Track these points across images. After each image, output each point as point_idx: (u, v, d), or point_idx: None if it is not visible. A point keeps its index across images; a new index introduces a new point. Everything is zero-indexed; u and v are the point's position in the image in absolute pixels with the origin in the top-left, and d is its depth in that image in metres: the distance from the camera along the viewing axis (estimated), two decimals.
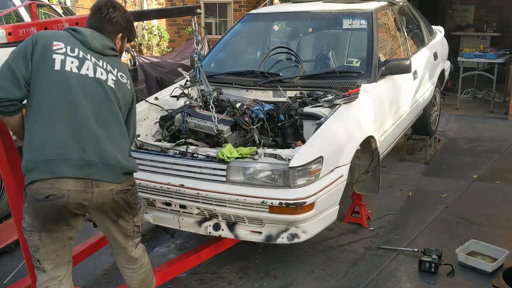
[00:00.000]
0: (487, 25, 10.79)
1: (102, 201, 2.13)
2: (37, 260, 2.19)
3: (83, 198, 2.07)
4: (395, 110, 4.06)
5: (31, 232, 2.14)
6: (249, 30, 4.80)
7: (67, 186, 2.02)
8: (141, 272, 2.45)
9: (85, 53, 2.16)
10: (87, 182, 2.06)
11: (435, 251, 3.25)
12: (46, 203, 2.03)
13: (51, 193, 2.01)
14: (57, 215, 2.08)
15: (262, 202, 2.73)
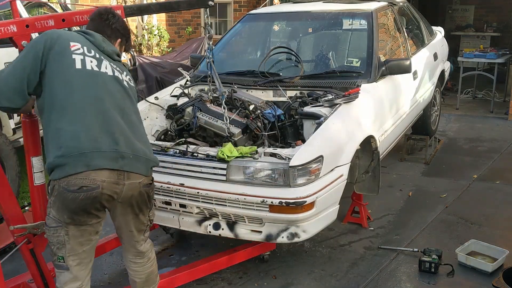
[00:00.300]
0: (487, 25, 10.80)
1: (130, 194, 2.19)
2: (61, 257, 2.16)
3: (114, 190, 2.12)
4: (395, 110, 4.06)
5: (57, 228, 2.13)
6: (249, 30, 4.80)
7: (101, 177, 2.06)
8: (147, 266, 2.47)
9: (100, 54, 2.25)
10: (120, 173, 2.11)
11: (435, 251, 3.25)
12: (79, 194, 2.04)
13: (84, 184, 2.03)
14: (89, 206, 2.09)
15: (262, 201, 2.73)
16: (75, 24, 2.59)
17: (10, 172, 4.13)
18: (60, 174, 2.04)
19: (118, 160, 2.10)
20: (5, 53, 4.37)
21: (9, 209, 2.40)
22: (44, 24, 2.42)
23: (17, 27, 2.31)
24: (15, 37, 2.32)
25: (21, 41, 2.34)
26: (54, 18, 2.46)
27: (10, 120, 4.40)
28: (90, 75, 2.16)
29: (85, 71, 2.15)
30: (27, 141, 2.47)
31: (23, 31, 2.34)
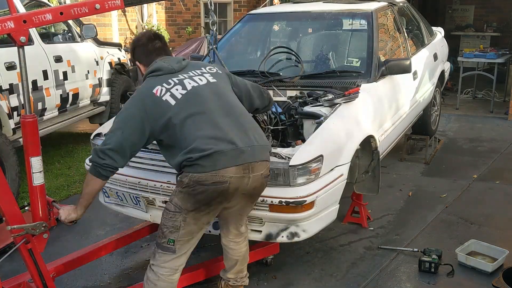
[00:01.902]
0: (487, 25, 10.81)
1: (254, 186, 2.42)
2: (172, 240, 2.37)
3: (240, 184, 2.35)
4: (395, 110, 4.06)
5: (175, 213, 2.35)
6: (249, 30, 4.80)
7: (230, 174, 2.30)
8: (244, 244, 2.76)
9: (176, 77, 2.46)
10: (245, 168, 2.34)
11: (435, 251, 3.25)
12: (208, 187, 2.28)
13: (215, 180, 2.29)
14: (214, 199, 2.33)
15: (262, 201, 2.72)
16: (73, 17, 2.55)
17: (10, 172, 4.14)
18: (195, 170, 2.29)
19: (240, 156, 2.32)
20: (5, 53, 4.39)
21: (7, 209, 2.40)
22: (42, 19, 2.38)
23: (15, 23, 2.28)
24: (13, 33, 2.30)
25: (19, 37, 2.32)
26: (52, 12, 2.41)
27: (10, 120, 4.40)
28: (183, 102, 2.37)
29: (179, 101, 2.37)
30: (26, 141, 2.46)
31: (21, 26, 2.30)
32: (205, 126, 2.34)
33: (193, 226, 2.38)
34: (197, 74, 2.51)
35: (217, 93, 2.47)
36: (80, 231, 3.92)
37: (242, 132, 2.39)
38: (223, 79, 2.60)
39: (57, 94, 5.17)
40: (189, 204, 2.33)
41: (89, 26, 5.71)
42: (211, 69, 2.59)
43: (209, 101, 2.41)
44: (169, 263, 2.41)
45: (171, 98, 2.37)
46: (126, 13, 9.77)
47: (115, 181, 3.19)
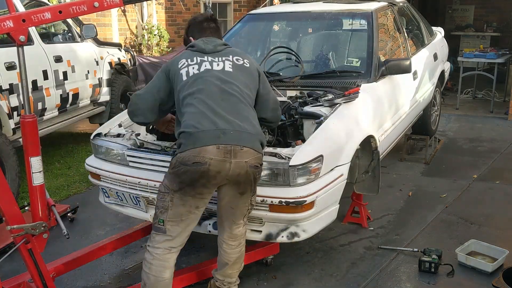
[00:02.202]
0: (487, 25, 10.81)
1: (238, 172, 2.42)
2: (162, 220, 2.46)
3: (221, 168, 2.39)
4: (395, 110, 4.06)
5: (164, 194, 2.46)
6: (249, 30, 4.80)
7: (210, 155, 2.37)
8: (237, 250, 2.71)
9: (202, 57, 2.63)
10: (226, 152, 2.39)
11: (435, 251, 3.25)
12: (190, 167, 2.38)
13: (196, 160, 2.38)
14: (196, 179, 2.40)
15: (262, 201, 2.73)
16: (72, 16, 2.54)
17: (10, 172, 4.14)
18: (180, 149, 2.42)
19: (220, 136, 2.38)
20: (5, 53, 4.39)
21: (7, 209, 2.40)
22: (41, 18, 2.39)
23: (14, 22, 2.28)
24: (12, 33, 2.30)
25: (18, 36, 2.32)
26: (50, 10, 2.41)
27: (10, 120, 4.40)
28: (191, 80, 2.54)
29: (188, 79, 2.55)
30: (26, 141, 2.45)
31: (20, 25, 2.30)
32: (196, 105, 2.46)
33: (181, 207, 2.45)
34: (220, 60, 2.62)
35: (224, 80, 2.55)
36: (80, 231, 3.92)
37: (232, 117, 2.45)
38: (245, 72, 2.64)
39: (57, 94, 5.17)
40: (175, 184, 2.43)
41: (89, 26, 5.71)
42: (238, 60, 2.66)
43: (211, 85, 2.51)
44: (162, 244, 2.49)
45: (185, 74, 2.55)
46: (126, 13, 9.77)
47: (115, 181, 3.19)
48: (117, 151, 3.18)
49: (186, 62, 2.60)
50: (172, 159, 2.48)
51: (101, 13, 9.69)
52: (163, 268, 2.50)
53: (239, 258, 2.75)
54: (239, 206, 2.60)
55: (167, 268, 2.52)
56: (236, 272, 2.80)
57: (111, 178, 3.20)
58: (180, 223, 2.48)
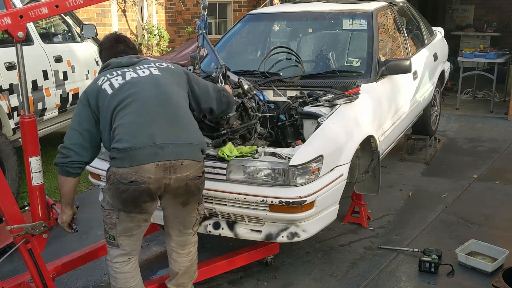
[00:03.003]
0: (487, 25, 10.81)
1: (177, 186, 2.34)
2: (112, 236, 2.40)
3: (160, 185, 2.30)
4: (395, 110, 4.06)
5: (109, 211, 2.37)
6: (249, 30, 4.80)
7: (148, 174, 2.26)
8: (187, 259, 2.63)
9: (122, 69, 2.47)
10: (165, 169, 2.28)
11: (435, 251, 3.25)
12: (129, 187, 2.26)
13: (134, 179, 2.26)
14: (137, 198, 2.30)
15: (262, 201, 2.73)
16: (69, 9, 2.56)
17: (10, 172, 4.13)
18: (116, 164, 2.28)
19: (158, 153, 2.25)
20: (5, 53, 4.39)
21: (7, 209, 2.40)
22: (38, 13, 2.40)
23: (11, 18, 2.29)
24: (11, 29, 2.30)
25: (17, 33, 2.32)
26: (47, 5, 2.42)
27: (10, 120, 4.40)
28: (119, 90, 2.36)
29: (115, 90, 2.36)
30: (25, 141, 2.46)
31: (18, 22, 2.31)
32: (131, 115, 2.30)
33: (129, 223, 2.38)
34: (143, 68, 2.49)
35: (156, 83, 2.42)
36: (80, 231, 3.91)
37: (170, 126, 2.34)
38: (172, 74, 2.54)
39: (57, 94, 5.17)
40: (117, 202, 2.33)
41: (89, 26, 5.70)
42: (161, 65, 2.56)
43: (144, 91, 2.37)
44: (118, 257, 2.45)
45: (109, 87, 2.37)
46: (126, 13, 9.78)
47: None
48: None
49: (105, 78, 2.42)
50: (108, 172, 2.33)
51: (101, 13, 9.71)
52: (127, 278, 2.48)
53: (190, 267, 2.65)
54: (183, 216, 2.53)
55: (131, 277, 2.49)
56: (189, 282, 2.71)
57: None
58: (131, 237, 2.42)
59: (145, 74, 2.44)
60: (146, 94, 2.36)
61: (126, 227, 2.38)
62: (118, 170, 2.26)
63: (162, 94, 2.40)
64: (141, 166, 2.23)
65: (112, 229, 2.39)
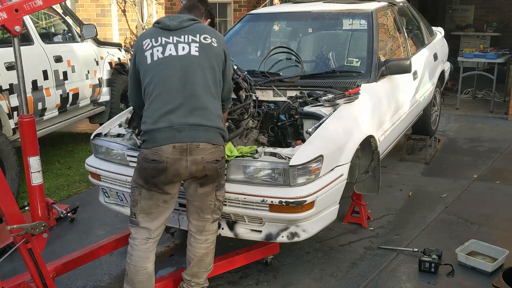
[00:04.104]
0: (487, 25, 10.80)
1: (195, 169, 2.49)
2: (134, 214, 2.59)
3: (178, 166, 2.47)
4: (395, 110, 4.06)
5: (134, 188, 2.58)
6: (249, 30, 4.80)
7: (166, 154, 2.45)
8: (204, 246, 2.72)
9: (167, 37, 2.56)
10: (182, 150, 2.45)
11: (435, 251, 3.25)
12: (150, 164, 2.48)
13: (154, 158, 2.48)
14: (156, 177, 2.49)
15: (262, 201, 2.73)
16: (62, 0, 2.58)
17: (10, 172, 4.14)
18: (143, 146, 2.53)
19: (175, 135, 2.43)
20: (5, 53, 4.39)
21: (7, 209, 2.40)
22: (33, 5, 2.41)
23: (7, 13, 2.30)
24: (7, 24, 2.31)
25: (13, 27, 2.32)
26: None
27: (10, 120, 4.40)
28: (155, 66, 2.53)
29: (152, 63, 2.53)
30: (24, 141, 2.46)
31: (14, 16, 2.32)
32: (156, 100, 2.49)
33: (149, 201, 2.55)
34: (186, 41, 2.56)
35: (186, 68, 2.52)
36: (80, 231, 3.92)
37: (190, 113, 2.48)
38: (212, 53, 2.60)
39: (57, 94, 5.17)
40: (140, 179, 2.54)
41: (89, 26, 5.71)
42: (206, 39, 2.60)
43: (172, 76, 2.51)
44: (138, 234, 2.60)
45: (149, 57, 2.54)
46: (126, 13, 9.78)
47: (115, 181, 3.19)
48: (117, 151, 3.19)
49: (150, 43, 2.57)
50: (138, 155, 2.60)
51: (101, 13, 9.71)
52: (142, 258, 2.61)
53: (205, 255, 2.74)
54: (201, 199, 2.64)
55: (146, 258, 2.62)
56: (204, 273, 2.79)
57: (111, 178, 3.21)
58: (150, 215, 2.57)
59: (183, 53, 2.53)
60: (175, 82, 2.49)
61: (146, 205, 2.54)
62: (144, 151, 2.50)
63: (188, 82, 2.51)
64: (160, 146, 2.43)
65: (134, 207, 2.58)
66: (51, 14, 5.89)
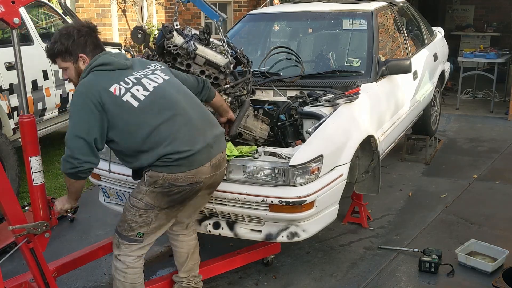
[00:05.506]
0: (487, 25, 10.80)
1: (218, 180, 2.57)
2: (142, 234, 2.43)
3: (210, 181, 2.49)
4: (395, 110, 4.06)
5: (147, 210, 2.38)
6: (249, 30, 4.80)
7: (204, 175, 2.41)
8: (193, 237, 2.80)
9: (131, 74, 2.37)
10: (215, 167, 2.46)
11: (435, 251, 3.25)
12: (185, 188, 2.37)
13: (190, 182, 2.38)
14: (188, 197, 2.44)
15: (262, 201, 2.73)
16: None
17: (10, 172, 4.14)
18: (170, 171, 2.31)
19: (210, 151, 2.40)
20: (5, 53, 4.39)
21: (9, 209, 2.40)
22: None
23: (4, 5, 2.29)
24: (5, 17, 2.31)
25: (12, 19, 2.33)
26: None
27: (10, 120, 4.41)
28: (149, 104, 2.31)
29: (142, 103, 2.30)
30: (24, 141, 2.46)
31: (11, 8, 2.32)
32: (182, 127, 2.34)
33: (164, 220, 2.48)
34: (149, 73, 2.44)
35: (178, 90, 2.47)
36: (80, 231, 3.92)
37: (207, 124, 2.47)
38: (169, 73, 2.57)
39: (57, 94, 5.17)
40: (163, 202, 2.38)
41: None
42: (156, 66, 2.52)
43: (177, 101, 2.40)
44: (135, 252, 2.48)
45: (133, 99, 2.28)
46: (126, 13, 9.78)
47: (115, 181, 3.19)
48: None
49: (122, 88, 2.28)
50: (154, 177, 2.31)
51: (101, 13, 9.72)
52: (138, 274, 2.52)
53: (196, 246, 2.82)
54: (203, 203, 2.75)
55: (140, 273, 2.54)
56: (197, 264, 2.84)
57: (111, 178, 3.21)
58: (158, 233, 2.52)
59: (161, 82, 2.42)
60: (181, 105, 2.40)
61: (159, 224, 2.46)
62: (172, 175, 2.30)
63: (189, 99, 2.48)
64: (199, 168, 2.35)
65: (142, 227, 2.42)
66: (51, 14, 5.89)
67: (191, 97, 2.53)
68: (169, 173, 2.30)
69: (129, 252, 2.47)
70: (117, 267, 2.49)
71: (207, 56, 3.09)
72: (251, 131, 3.20)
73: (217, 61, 3.11)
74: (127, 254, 2.46)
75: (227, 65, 3.11)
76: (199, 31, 3.19)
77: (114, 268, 2.51)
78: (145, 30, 3.35)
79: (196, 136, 2.37)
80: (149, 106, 2.31)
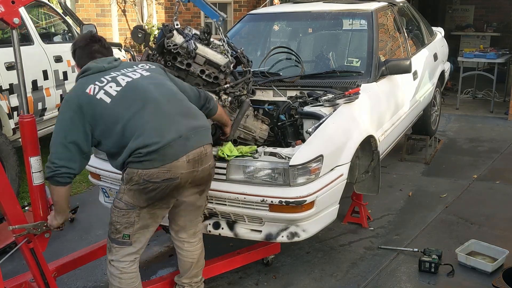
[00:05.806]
0: (487, 25, 10.80)
1: (201, 176, 2.44)
2: (127, 235, 2.38)
3: (190, 178, 2.40)
4: (395, 110, 4.06)
5: (128, 211, 2.34)
6: (249, 30, 4.80)
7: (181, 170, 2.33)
8: (199, 247, 2.73)
9: (108, 74, 2.39)
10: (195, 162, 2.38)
11: (435, 251, 3.25)
12: (160, 184, 2.29)
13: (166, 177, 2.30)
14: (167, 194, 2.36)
15: (262, 201, 2.73)
16: None
17: (10, 172, 4.14)
18: (143, 166, 2.25)
19: (186, 144, 2.31)
20: (5, 53, 4.39)
21: (10, 209, 2.40)
22: None
23: (4, 6, 2.30)
24: (5, 17, 2.31)
25: (12, 19, 2.33)
26: None
27: (10, 120, 4.41)
28: (120, 98, 2.31)
29: (114, 99, 2.30)
30: (25, 141, 2.46)
31: (11, 8, 2.32)
32: (151, 118, 2.29)
33: (148, 220, 2.41)
34: (130, 70, 2.45)
35: (154, 83, 2.42)
36: (80, 231, 3.92)
37: (185, 118, 2.38)
38: (158, 72, 2.55)
39: (57, 94, 5.17)
40: (141, 201, 2.33)
41: (89, 26, 5.71)
42: (144, 66, 2.53)
43: (149, 91, 2.36)
44: (127, 257, 2.43)
45: (106, 96, 2.29)
46: (126, 13, 9.79)
47: (115, 181, 3.19)
48: None
49: (96, 86, 2.32)
50: (130, 175, 2.28)
51: (101, 13, 9.72)
52: (133, 278, 2.48)
53: (201, 254, 2.76)
54: (199, 205, 2.63)
55: (136, 277, 2.50)
56: (201, 271, 2.82)
57: (111, 178, 3.21)
58: (146, 233, 2.45)
59: (137, 76, 2.41)
60: (153, 95, 2.35)
61: (144, 224, 2.40)
62: (146, 171, 2.25)
63: (165, 91, 2.42)
64: (173, 163, 2.27)
65: (127, 228, 2.37)
66: (51, 14, 5.89)
67: (170, 90, 2.45)
68: (143, 168, 2.25)
69: (121, 258, 2.42)
70: (112, 272, 2.45)
71: (207, 56, 3.09)
72: (251, 131, 3.20)
73: (217, 61, 3.10)
74: (119, 260, 2.43)
75: (227, 64, 3.11)
76: (199, 31, 3.18)
77: (109, 274, 2.47)
78: (145, 29, 3.35)
79: (166, 126, 2.28)
80: (120, 100, 2.30)
